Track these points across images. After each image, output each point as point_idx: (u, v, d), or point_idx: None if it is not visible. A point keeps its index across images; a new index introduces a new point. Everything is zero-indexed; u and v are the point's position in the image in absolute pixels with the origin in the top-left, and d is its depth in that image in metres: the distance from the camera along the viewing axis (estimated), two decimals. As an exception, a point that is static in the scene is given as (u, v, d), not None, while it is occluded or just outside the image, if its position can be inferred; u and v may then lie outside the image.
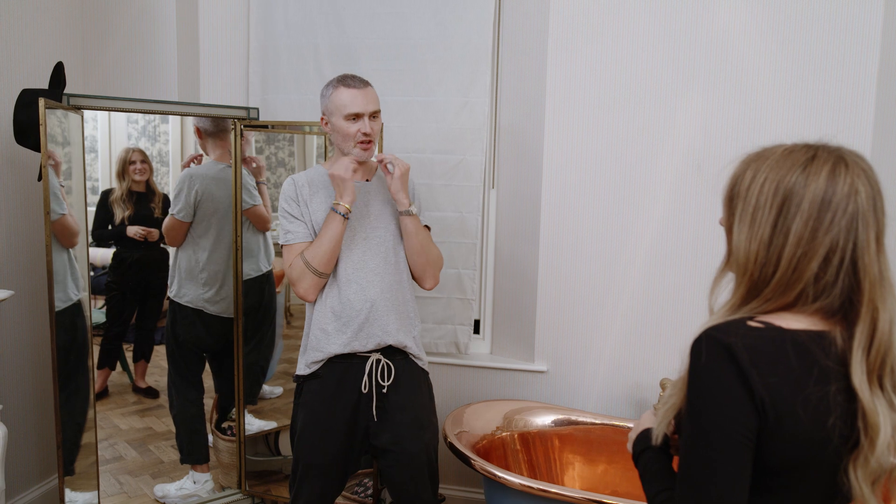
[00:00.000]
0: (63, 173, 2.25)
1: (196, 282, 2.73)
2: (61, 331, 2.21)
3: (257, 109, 2.64)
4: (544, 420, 2.52)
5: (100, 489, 2.46)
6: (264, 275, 2.74)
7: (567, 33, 2.51)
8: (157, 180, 3.01)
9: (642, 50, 2.45)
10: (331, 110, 1.90)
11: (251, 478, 2.77)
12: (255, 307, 2.72)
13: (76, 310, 2.33)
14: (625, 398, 2.62)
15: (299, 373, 1.99)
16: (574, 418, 2.52)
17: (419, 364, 2.03)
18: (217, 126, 2.65)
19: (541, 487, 1.96)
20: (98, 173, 3.01)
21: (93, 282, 2.52)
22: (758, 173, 0.96)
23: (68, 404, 2.28)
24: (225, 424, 2.88)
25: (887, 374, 0.92)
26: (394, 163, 1.90)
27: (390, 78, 2.64)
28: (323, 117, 1.94)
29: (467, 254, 2.71)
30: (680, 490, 0.94)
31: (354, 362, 1.93)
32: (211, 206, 2.69)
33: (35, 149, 2.16)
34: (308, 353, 1.96)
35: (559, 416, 2.53)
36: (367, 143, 1.90)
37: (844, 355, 0.92)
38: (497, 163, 2.75)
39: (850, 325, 0.92)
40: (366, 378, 1.92)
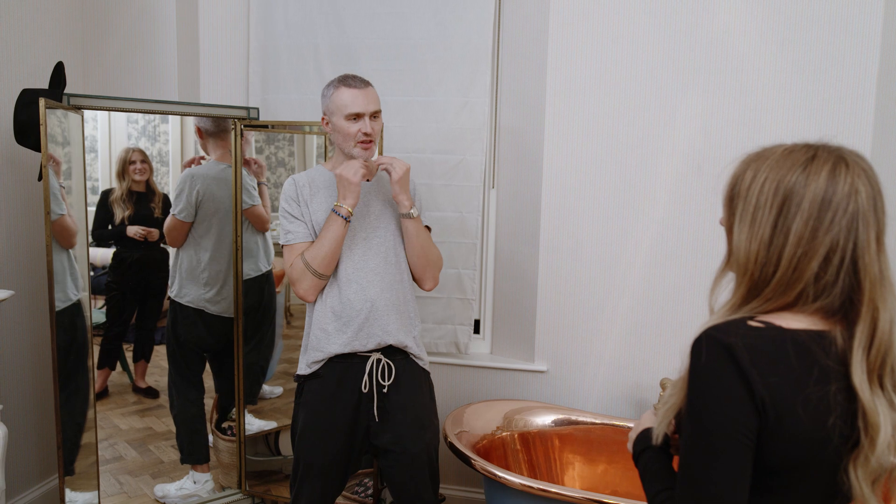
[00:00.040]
0: (63, 173, 2.25)
1: (197, 282, 2.73)
2: (61, 331, 2.21)
3: (257, 109, 2.64)
4: (544, 420, 2.52)
5: (100, 489, 2.46)
6: (263, 275, 2.74)
7: (567, 33, 2.51)
8: (156, 180, 3.01)
9: (642, 50, 2.45)
10: (332, 110, 1.90)
11: (251, 478, 2.77)
12: (255, 307, 2.72)
13: (76, 310, 2.33)
14: (625, 398, 2.62)
15: (300, 372, 2.00)
16: (574, 418, 2.52)
17: (420, 364, 2.02)
18: (218, 126, 2.65)
19: (541, 487, 1.96)
20: (98, 173, 3.01)
21: (93, 282, 2.52)
22: (758, 173, 0.96)
23: (68, 404, 2.28)
24: (225, 424, 2.88)
25: (887, 374, 0.92)
26: (393, 165, 1.89)
27: (390, 78, 2.64)
28: (324, 117, 1.94)
29: (467, 254, 2.71)
30: (680, 490, 0.94)
31: (355, 362, 1.93)
32: (212, 206, 2.69)
33: (35, 149, 2.17)
34: (309, 352, 1.96)
35: (559, 416, 2.53)
36: (368, 142, 1.90)
37: (845, 355, 0.92)
38: (497, 163, 2.75)
39: (850, 325, 0.92)
40: (366, 378, 1.92)
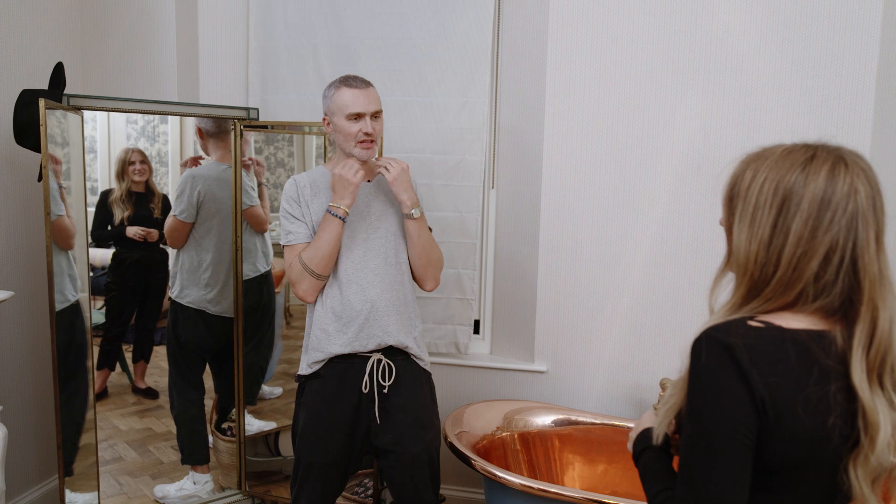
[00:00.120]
0: (62, 174, 2.25)
1: (198, 282, 2.73)
2: (60, 331, 2.21)
3: (257, 110, 2.64)
4: (544, 420, 2.52)
5: (100, 490, 2.46)
6: (263, 275, 2.74)
7: (566, 34, 2.51)
8: (156, 181, 3.01)
9: (642, 50, 2.45)
10: (333, 110, 1.90)
11: (251, 478, 2.77)
12: (254, 307, 2.72)
13: (75, 310, 2.32)
14: (625, 398, 2.62)
15: (301, 373, 2.00)
16: (574, 418, 2.52)
17: (421, 365, 2.02)
18: (218, 127, 2.65)
19: (541, 487, 1.96)
20: (97, 174, 3.00)
21: (92, 282, 2.52)
22: (757, 173, 0.96)
23: (68, 405, 2.28)
24: (225, 425, 2.88)
25: (887, 373, 0.92)
26: (390, 166, 1.89)
27: (390, 78, 2.64)
28: (325, 117, 1.94)
29: (467, 254, 2.71)
30: (680, 490, 0.94)
31: (355, 362, 1.93)
32: (213, 206, 2.68)
33: (35, 149, 2.16)
34: (309, 353, 1.96)
35: (559, 416, 2.53)
36: (369, 142, 1.90)
37: (844, 354, 0.92)
38: (496, 163, 2.75)
39: (850, 325, 0.92)
40: (366, 378, 1.92)
